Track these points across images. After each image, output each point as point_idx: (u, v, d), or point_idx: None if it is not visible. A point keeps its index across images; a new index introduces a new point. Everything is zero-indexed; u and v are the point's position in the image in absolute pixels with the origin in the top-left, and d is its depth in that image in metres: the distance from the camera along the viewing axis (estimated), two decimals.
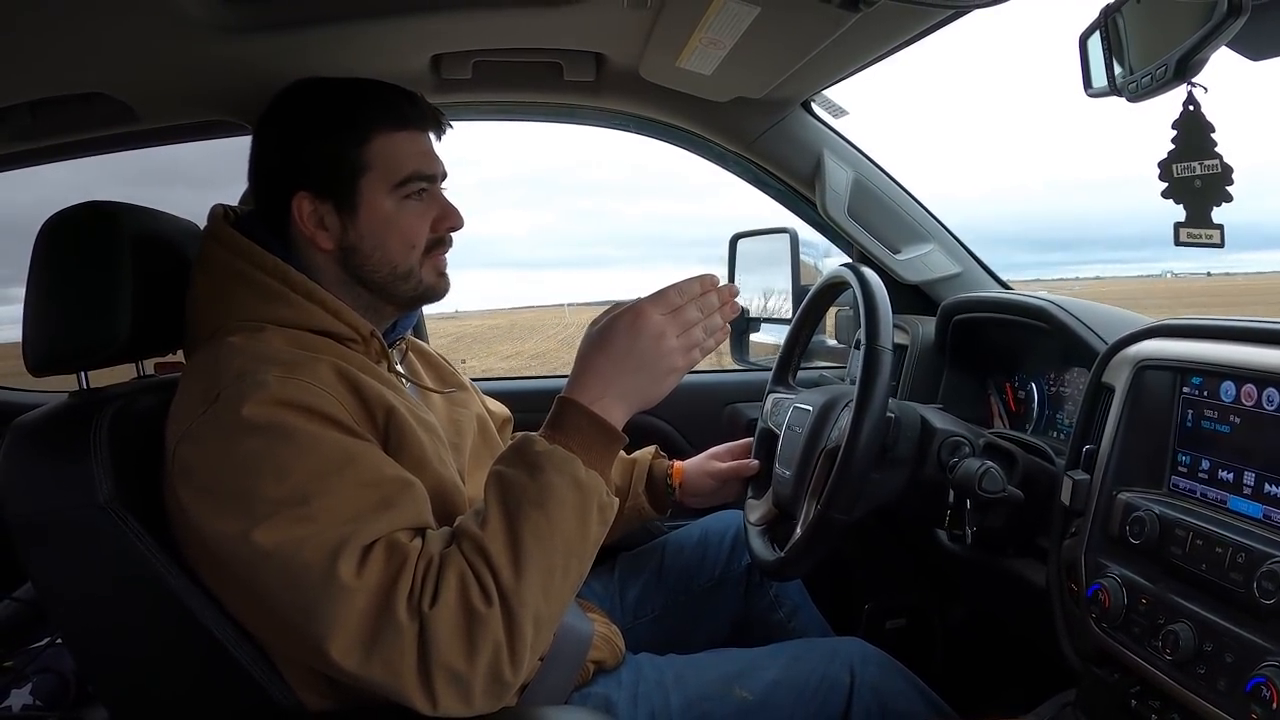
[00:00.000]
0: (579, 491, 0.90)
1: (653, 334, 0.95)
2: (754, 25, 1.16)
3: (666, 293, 0.97)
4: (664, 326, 0.95)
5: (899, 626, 1.71)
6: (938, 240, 1.78)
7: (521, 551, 0.86)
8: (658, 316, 0.95)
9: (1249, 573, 0.76)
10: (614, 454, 0.97)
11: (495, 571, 0.85)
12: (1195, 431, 0.93)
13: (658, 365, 0.95)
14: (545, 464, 0.89)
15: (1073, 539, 0.99)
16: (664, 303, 0.96)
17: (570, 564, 0.89)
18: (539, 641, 0.88)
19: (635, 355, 0.95)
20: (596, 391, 0.95)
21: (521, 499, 0.88)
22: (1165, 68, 0.72)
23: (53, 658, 1.63)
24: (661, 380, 0.96)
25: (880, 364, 1.08)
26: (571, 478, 0.89)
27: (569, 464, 0.90)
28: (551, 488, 0.88)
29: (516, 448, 0.93)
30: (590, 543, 0.92)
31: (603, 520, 0.93)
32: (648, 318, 0.95)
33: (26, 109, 1.39)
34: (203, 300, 1.03)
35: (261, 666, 0.94)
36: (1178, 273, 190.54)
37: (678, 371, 0.97)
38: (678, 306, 0.97)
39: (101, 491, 0.92)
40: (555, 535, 0.88)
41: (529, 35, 1.39)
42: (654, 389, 0.97)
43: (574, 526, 0.89)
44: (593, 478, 0.91)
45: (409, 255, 1.07)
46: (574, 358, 0.98)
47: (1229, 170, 0.73)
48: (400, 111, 1.07)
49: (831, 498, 1.08)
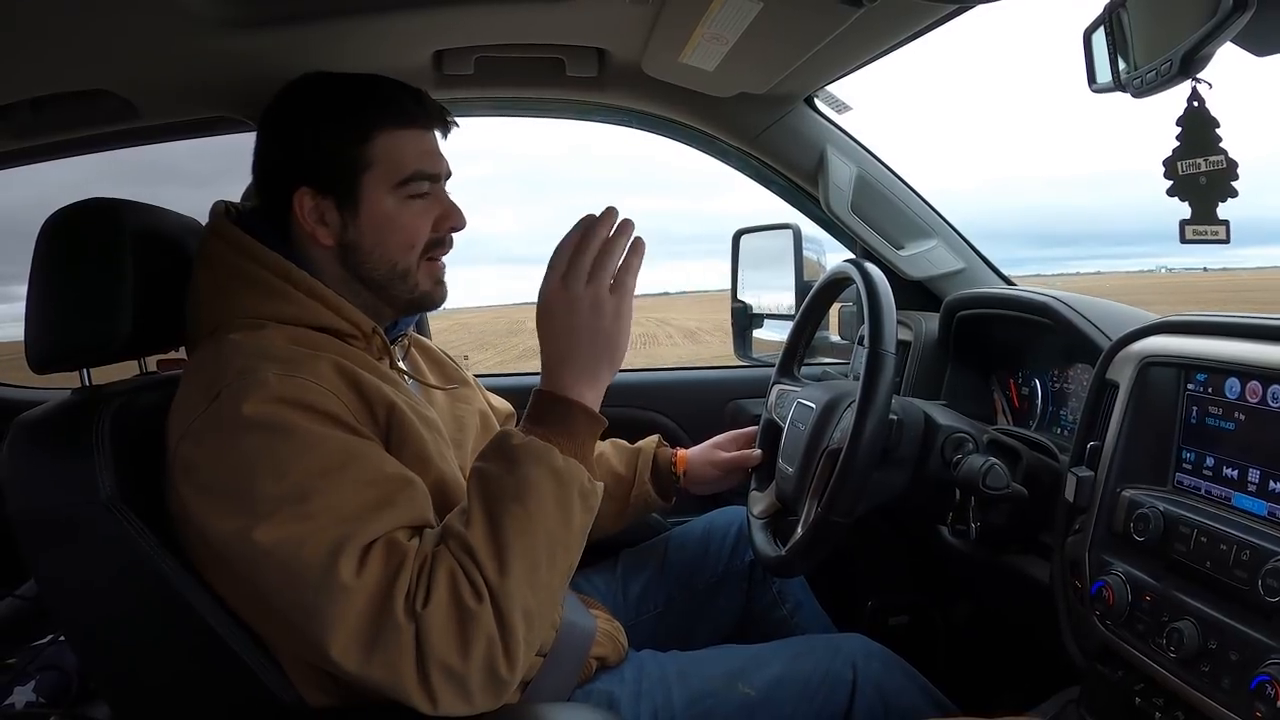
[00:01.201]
0: (557, 481, 0.89)
1: (560, 299, 0.94)
2: (757, 21, 1.15)
3: (550, 261, 0.96)
4: (564, 286, 0.94)
5: (902, 623, 1.72)
6: (941, 236, 1.77)
7: (504, 546, 0.86)
8: (553, 283, 0.95)
9: (1253, 570, 0.76)
10: (594, 437, 0.96)
11: (481, 568, 0.85)
12: (1200, 428, 0.92)
13: (587, 319, 0.94)
14: (522, 457, 0.89)
15: (1077, 536, 0.99)
16: (551, 270, 0.96)
17: (556, 554, 0.89)
18: (532, 635, 0.88)
19: (565, 328, 0.94)
20: (559, 375, 0.95)
21: (501, 494, 0.88)
22: (1170, 63, 0.72)
23: (55, 655, 1.64)
24: (604, 333, 0.94)
25: (883, 368, 1.07)
26: (549, 468, 0.89)
27: (546, 454, 0.90)
28: (529, 480, 0.88)
29: (494, 443, 0.93)
30: (575, 531, 0.92)
31: (586, 507, 0.92)
32: (546, 291, 0.95)
33: (28, 106, 1.39)
34: (204, 297, 1.03)
35: (263, 663, 0.94)
36: (1171, 268, 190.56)
37: (616, 313, 0.95)
38: (566, 260, 0.95)
39: (103, 489, 0.92)
40: (537, 528, 0.87)
41: (531, 30, 1.39)
42: (605, 340, 0.95)
43: (555, 517, 0.89)
44: (571, 465, 0.91)
45: (408, 254, 1.07)
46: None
47: (1234, 166, 0.72)
48: (405, 109, 1.06)
49: (832, 501, 1.08)
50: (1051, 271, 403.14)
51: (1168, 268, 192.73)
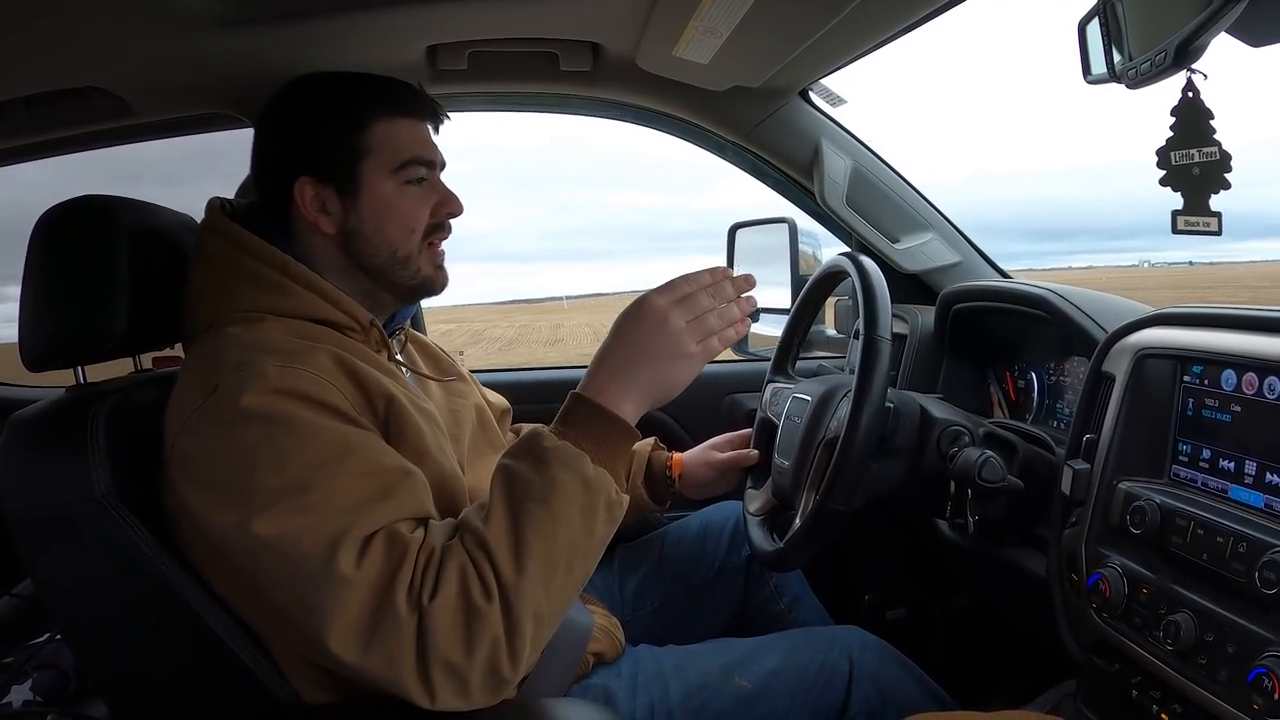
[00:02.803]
0: (585, 489, 0.88)
1: (657, 319, 0.94)
2: (750, 14, 1.15)
3: (674, 281, 0.96)
4: (669, 312, 0.94)
5: (899, 617, 1.71)
6: (937, 229, 1.77)
7: (523, 547, 0.85)
8: (662, 303, 0.94)
9: (1250, 562, 0.76)
10: (626, 449, 0.95)
11: (496, 567, 0.84)
12: (1196, 420, 0.92)
13: (666, 352, 0.93)
14: (552, 459, 0.88)
15: (1073, 529, 0.99)
16: (669, 290, 0.95)
17: (574, 562, 0.88)
18: (539, 638, 0.87)
19: (642, 344, 0.94)
20: (606, 384, 0.93)
21: (526, 495, 0.87)
22: (1165, 54, 0.72)
23: (52, 653, 1.64)
24: (673, 368, 0.94)
25: (879, 354, 1.07)
26: (579, 475, 0.88)
27: (576, 461, 0.89)
28: (557, 484, 0.87)
29: (525, 441, 0.92)
30: (596, 541, 0.91)
31: (610, 519, 0.91)
32: (651, 304, 0.94)
33: (22, 104, 1.39)
34: (201, 293, 1.03)
35: (259, 660, 0.94)
36: (1154, 262, 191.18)
37: (692, 359, 0.95)
38: (686, 294, 0.95)
39: (99, 486, 0.92)
40: (559, 532, 0.87)
41: (525, 25, 1.39)
42: (667, 378, 0.94)
43: (579, 524, 0.88)
44: (601, 475, 0.90)
45: (409, 240, 1.08)
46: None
47: (1228, 157, 0.72)
48: (400, 99, 1.08)
49: (830, 489, 1.08)
50: (1044, 266, 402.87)
51: (1150, 262, 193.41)
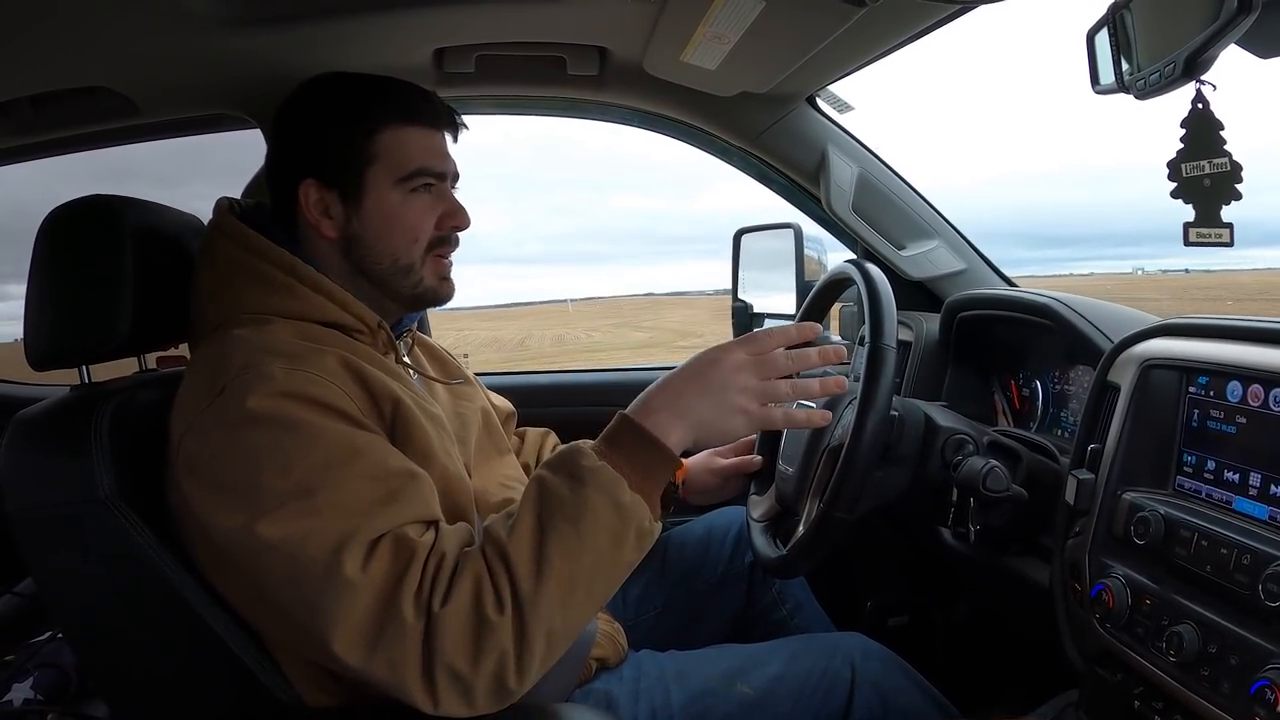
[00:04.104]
0: (619, 515, 0.87)
1: (730, 365, 0.94)
2: (759, 20, 1.15)
3: (758, 333, 0.97)
4: (744, 363, 0.94)
5: (901, 624, 1.71)
6: (943, 236, 1.77)
7: (545, 565, 0.84)
8: (742, 354, 0.94)
9: (1254, 574, 0.76)
10: (665, 476, 0.93)
11: (514, 580, 0.83)
12: (1201, 431, 0.92)
13: (724, 397, 0.93)
14: (589, 480, 0.87)
15: (1077, 538, 0.99)
16: (752, 343, 0.95)
17: (595, 585, 0.87)
18: (550, 655, 0.86)
19: (705, 379, 0.94)
20: (659, 409, 0.92)
21: (556, 512, 0.86)
22: (1174, 65, 0.72)
23: (53, 652, 1.64)
24: (725, 415, 0.93)
25: (884, 362, 1.07)
26: (613, 500, 0.87)
27: (613, 485, 0.87)
28: (590, 506, 0.86)
29: (564, 456, 0.91)
30: (622, 567, 0.89)
31: (639, 547, 0.89)
32: (731, 351, 0.95)
33: (28, 103, 1.39)
34: (208, 293, 1.03)
35: (262, 662, 0.94)
36: (1148, 270, 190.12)
37: (746, 415, 0.94)
38: (767, 350, 0.95)
39: (102, 486, 0.92)
40: (584, 554, 0.85)
41: (532, 29, 1.39)
42: (719, 425, 0.94)
43: (606, 549, 0.86)
44: (636, 503, 0.88)
45: (411, 249, 1.07)
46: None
47: (1238, 168, 0.72)
48: (412, 106, 1.07)
49: (834, 496, 1.08)
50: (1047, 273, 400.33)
51: (1144, 270, 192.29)
